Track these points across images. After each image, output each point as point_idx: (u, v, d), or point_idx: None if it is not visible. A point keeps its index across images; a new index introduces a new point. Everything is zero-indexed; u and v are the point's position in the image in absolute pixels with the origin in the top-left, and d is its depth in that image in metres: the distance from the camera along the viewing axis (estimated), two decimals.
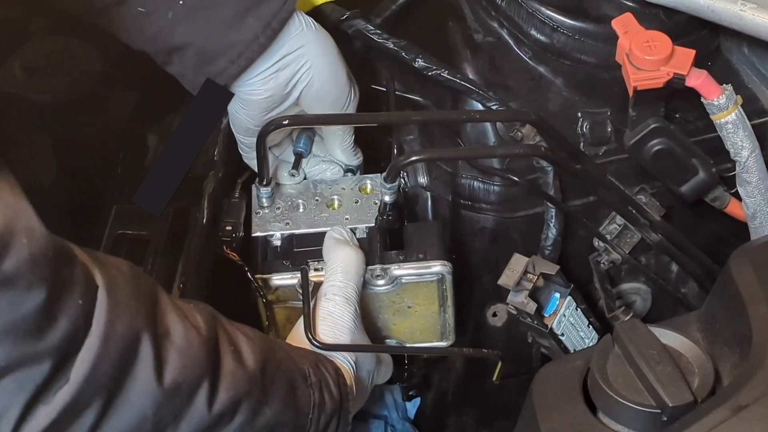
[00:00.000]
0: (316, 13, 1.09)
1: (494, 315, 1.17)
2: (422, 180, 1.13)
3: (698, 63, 0.95)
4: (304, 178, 1.08)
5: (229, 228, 1.02)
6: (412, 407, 1.33)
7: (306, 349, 0.90)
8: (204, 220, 1.03)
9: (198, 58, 0.93)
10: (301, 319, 0.94)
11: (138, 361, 0.68)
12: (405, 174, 1.12)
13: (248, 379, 0.78)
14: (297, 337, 0.94)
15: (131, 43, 0.94)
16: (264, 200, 1.04)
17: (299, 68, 0.97)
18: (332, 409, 0.87)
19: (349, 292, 0.94)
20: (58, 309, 0.63)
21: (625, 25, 0.97)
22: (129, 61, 1.05)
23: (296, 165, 1.07)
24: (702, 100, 0.96)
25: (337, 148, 1.07)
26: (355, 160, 1.09)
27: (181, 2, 0.91)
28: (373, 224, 1.02)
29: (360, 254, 0.97)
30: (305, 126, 1.06)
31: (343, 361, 0.93)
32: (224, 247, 1.00)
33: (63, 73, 1.05)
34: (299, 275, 0.98)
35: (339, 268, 0.95)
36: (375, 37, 1.09)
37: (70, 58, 1.05)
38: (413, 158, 0.99)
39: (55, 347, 0.63)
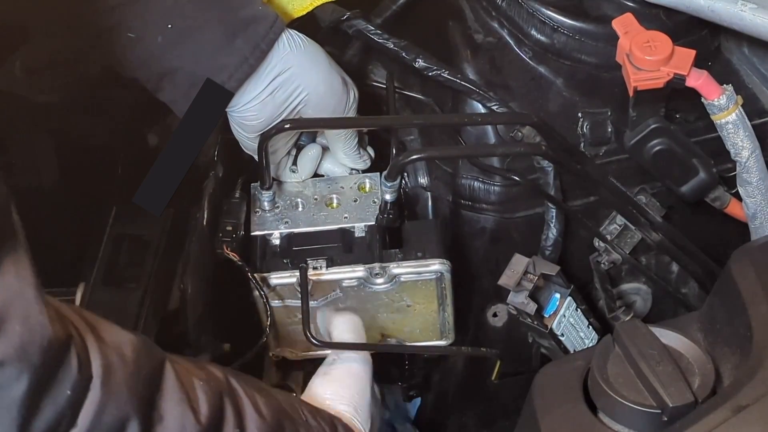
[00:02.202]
0: (310, 17, 1.09)
1: (494, 315, 1.17)
2: (422, 180, 1.13)
3: (698, 63, 0.95)
4: (315, 175, 1.08)
5: (229, 228, 1.02)
6: (412, 407, 1.33)
7: (326, 415, 0.87)
8: (204, 221, 1.03)
9: (189, 82, 0.93)
10: (316, 378, 0.92)
11: None
12: (405, 174, 1.12)
13: None
14: (311, 395, 0.91)
15: (122, 71, 0.95)
16: (265, 203, 1.04)
17: (293, 90, 0.97)
18: None
19: (366, 353, 0.94)
20: (44, 399, 0.61)
21: (625, 25, 0.97)
22: None
23: (296, 160, 1.07)
24: (702, 100, 0.96)
25: (340, 152, 1.07)
26: (361, 163, 1.09)
27: (170, 26, 0.91)
28: (372, 223, 1.02)
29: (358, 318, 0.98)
30: (307, 129, 1.06)
31: (360, 423, 0.90)
32: (224, 247, 1.00)
33: (63, 73, 1.05)
34: (298, 274, 0.98)
35: (351, 330, 0.96)
36: (375, 37, 1.09)
37: (70, 58, 1.05)
38: (414, 156, 0.99)
39: None
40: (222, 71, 0.93)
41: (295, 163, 1.07)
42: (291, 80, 0.97)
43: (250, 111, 0.97)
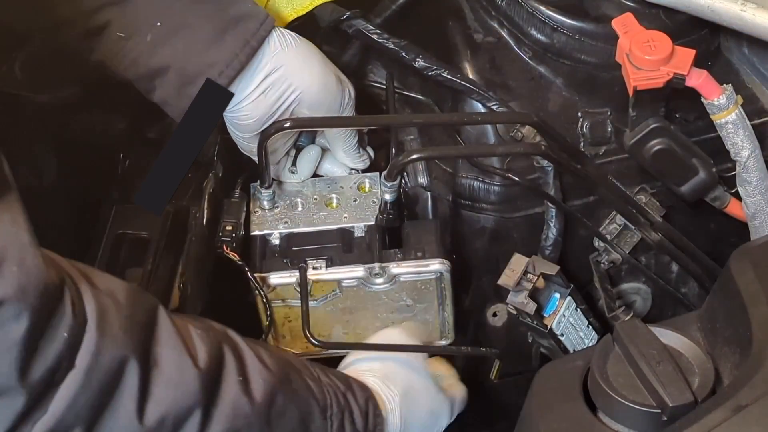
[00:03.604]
0: (310, 17, 1.09)
1: (494, 315, 1.17)
2: (422, 180, 1.13)
3: (698, 63, 0.95)
4: (314, 175, 1.08)
5: (229, 228, 1.02)
6: None
7: (340, 375, 0.88)
8: (204, 220, 1.03)
9: (179, 80, 0.93)
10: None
11: (120, 393, 0.67)
12: (405, 174, 1.12)
13: (252, 412, 0.76)
14: (346, 362, 0.93)
15: (114, 72, 0.95)
16: (265, 202, 1.04)
17: (285, 88, 0.97)
18: None
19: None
20: (42, 341, 0.63)
21: (625, 25, 0.97)
22: None
23: (296, 160, 1.07)
24: (702, 100, 0.96)
25: (340, 151, 1.07)
26: (360, 162, 1.09)
27: (159, 24, 0.91)
28: (372, 223, 1.02)
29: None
30: (306, 129, 1.06)
31: (385, 388, 0.91)
32: (224, 247, 1.00)
33: (63, 73, 1.05)
34: (298, 274, 0.98)
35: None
36: (375, 37, 1.09)
37: (70, 58, 1.05)
38: (414, 156, 0.99)
39: (38, 378, 0.63)
40: (212, 68, 0.92)
41: (294, 164, 1.07)
42: (282, 79, 0.97)
43: (243, 111, 0.97)
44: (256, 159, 1.03)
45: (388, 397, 0.91)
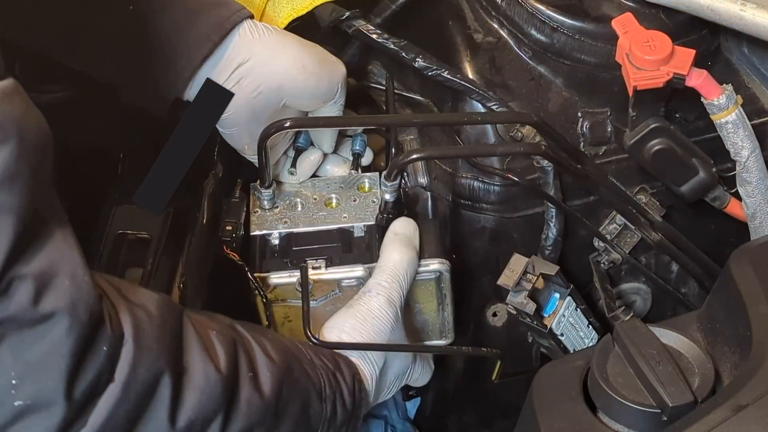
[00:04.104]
0: (310, 17, 1.09)
1: (494, 315, 1.17)
2: (422, 180, 1.13)
3: (698, 63, 0.95)
4: (314, 176, 1.08)
5: (229, 228, 1.02)
6: (412, 407, 1.33)
7: (327, 353, 0.89)
8: (204, 220, 1.03)
9: (155, 63, 0.93)
10: (342, 309, 0.94)
11: (155, 403, 0.69)
12: (405, 174, 1.12)
13: (263, 407, 0.77)
14: (333, 324, 0.93)
15: (95, 71, 0.95)
16: (265, 202, 1.04)
17: (262, 79, 0.96)
18: (342, 419, 0.87)
19: (393, 293, 0.94)
20: (87, 355, 0.64)
21: (625, 25, 0.97)
22: None
23: (295, 162, 1.07)
24: (702, 100, 0.96)
25: (327, 140, 1.07)
26: (346, 152, 1.09)
27: (131, 7, 0.91)
28: (372, 222, 1.02)
29: (414, 257, 0.97)
30: (306, 129, 1.06)
31: (367, 363, 0.92)
32: (224, 247, 1.00)
33: (63, 74, 1.05)
34: (298, 273, 0.98)
35: (389, 268, 0.95)
36: (375, 37, 1.09)
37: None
38: (414, 156, 0.99)
39: (81, 392, 0.64)
40: (185, 50, 0.93)
41: (293, 165, 1.07)
42: (257, 68, 0.96)
43: None
44: (245, 155, 1.03)
45: (369, 370, 0.92)
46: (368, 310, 0.93)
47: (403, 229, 0.99)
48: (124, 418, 0.67)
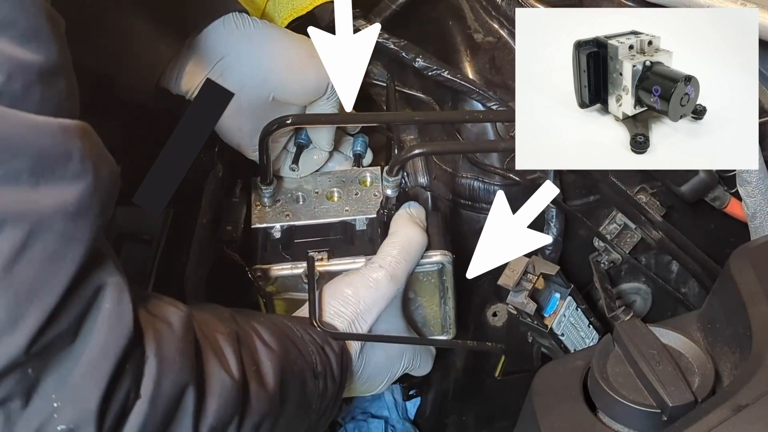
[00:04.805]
0: (310, 17, 1.09)
1: (494, 315, 1.17)
2: (422, 179, 1.13)
3: None
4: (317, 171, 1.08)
5: (229, 228, 1.02)
6: (412, 407, 1.33)
7: (316, 330, 0.90)
8: (204, 220, 1.03)
9: (138, 50, 0.93)
10: (344, 275, 0.94)
11: (181, 413, 0.70)
12: (405, 174, 1.12)
13: (269, 398, 0.78)
14: (334, 287, 0.93)
15: (78, 52, 0.95)
16: (266, 199, 1.04)
17: (246, 72, 0.96)
18: (332, 393, 0.88)
19: (399, 270, 0.94)
20: (121, 376, 0.65)
21: None
22: None
23: (296, 158, 1.07)
24: None
25: (324, 138, 1.07)
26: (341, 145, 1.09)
27: None
28: (374, 215, 1.02)
29: (424, 238, 0.97)
30: (308, 126, 1.06)
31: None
32: (224, 248, 1.00)
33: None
34: (299, 266, 0.98)
35: (398, 244, 0.95)
36: None
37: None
38: (416, 152, 0.99)
39: (114, 411, 0.65)
40: (168, 37, 0.92)
41: (295, 161, 1.07)
42: (239, 62, 0.96)
43: None
44: (239, 149, 1.03)
45: (354, 344, 0.93)
46: (365, 281, 0.93)
47: (417, 212, 0.99)
48: (154, 431, 0.68)
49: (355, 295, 0.93)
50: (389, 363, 0.98)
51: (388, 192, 0.99)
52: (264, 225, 1.03)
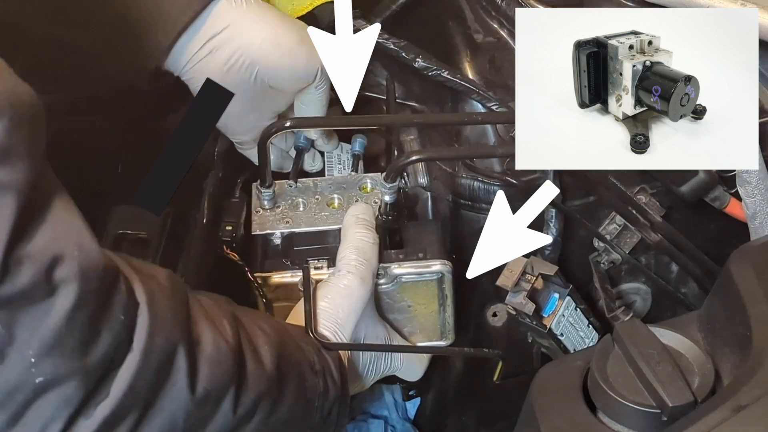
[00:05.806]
0: (311, 17, 1.09)
1: (494, 315, 1.17)
2: (422, 180, 1.13)
3: None
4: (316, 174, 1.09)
5: (229, 228, 1.02)
6: (412, 407, 1.33)
7: (309, 339, 0.89)
8: (204, 220, 1.03)
9: (134, 32, 0.92)
10: (321, 284, 0.94)
11: (174, 372, 0.69)
12: (405, 174, 1.12)
13: (266, 378, 0.78)
14: (299, 317, 0.93)
15: (73, 34, 0.95)
16: (266, 202, 1.04)
17: (234, 50, 0.95)
18: (334, 395, 0.87)
19: (364, 271, 0.94)
20: (102, 324, 0.64)
21: None
22: None
23: (296, 162, 1.07)
24: None
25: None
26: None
27: None
28: None
29: (373, 235, 0.97)
30: (308, 128, 1.06)
31: (338, 340, 0.92)
32: (224, 248, 1.00)
33: (63, 74, 1.05)
34: (300, 273, 0.98)
35: (353, 247, 0.95)
36: None
37: (71, 57, 1.05)
38: (413, 158, 0.99)
39: (99, 363, 0.64)
40: (165, 19, 0.92)
41: (296, 165, 1.07)
42: (230, 39, 0.95)
43: (191, 73, 0.96)
44: (224, 131, 1.03)
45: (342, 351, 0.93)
46: (339, 290, 0.93)
47: (364, 213, 0.99)
48: (145, 387, 0.67)
49: (332, 305, 0.93)
50: (377, 360, 0.99)
51: (387, 198, 0.99)
52: (264, 232, 1.03)
